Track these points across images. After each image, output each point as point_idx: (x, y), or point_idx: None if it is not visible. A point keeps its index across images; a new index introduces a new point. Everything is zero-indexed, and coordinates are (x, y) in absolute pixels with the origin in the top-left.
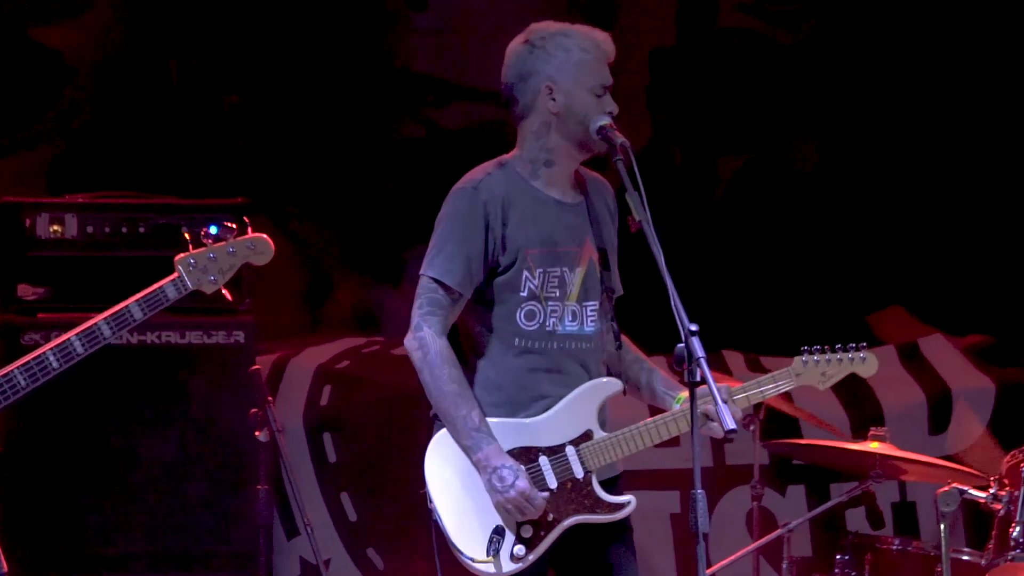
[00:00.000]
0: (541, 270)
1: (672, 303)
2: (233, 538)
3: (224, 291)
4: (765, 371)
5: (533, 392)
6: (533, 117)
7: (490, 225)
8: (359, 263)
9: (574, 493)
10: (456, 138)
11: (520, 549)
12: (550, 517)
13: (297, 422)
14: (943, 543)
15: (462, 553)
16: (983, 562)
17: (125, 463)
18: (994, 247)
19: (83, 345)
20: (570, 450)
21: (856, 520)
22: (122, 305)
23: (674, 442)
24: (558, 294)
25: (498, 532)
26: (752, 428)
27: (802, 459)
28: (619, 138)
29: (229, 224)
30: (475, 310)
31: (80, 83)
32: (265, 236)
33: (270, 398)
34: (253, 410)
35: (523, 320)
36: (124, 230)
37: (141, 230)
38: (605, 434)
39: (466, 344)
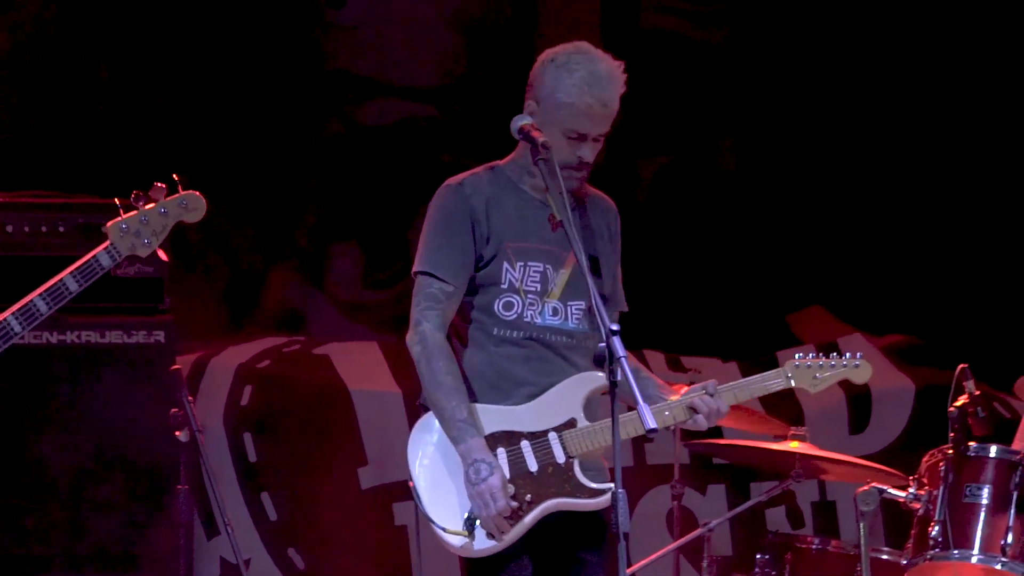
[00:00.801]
0: (522, 264)
1: (593, 303)
2: (153, 538)
3: (160, 252)
4: (685, 371)
5: (513, 379)
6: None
7: (475, 219)
8: (283, 261)
9: (555, 477)
10: (376, 135)
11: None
12: (528, 498)
13: (218, 422)
14: (862, 542)
15: (435, 523)
16: (902, 561)
17: (44, 464)
18: (912, 247)
19: (19, 323)
20: (552, 436)
21: (776, 519)
22: (57, 278)
23: None
24: (538, 289)
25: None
26: (672, 427)
27: (723, 458)
28: (540, 138)
29: (159, 184)
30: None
31: (2, 78)
32: (197, 192)
33: (190, 398)
34: (173, 410)
35: (501, 310)
36: (44, 229)
37: (61, 229)
38: (589, 423)
39: (450, 332)
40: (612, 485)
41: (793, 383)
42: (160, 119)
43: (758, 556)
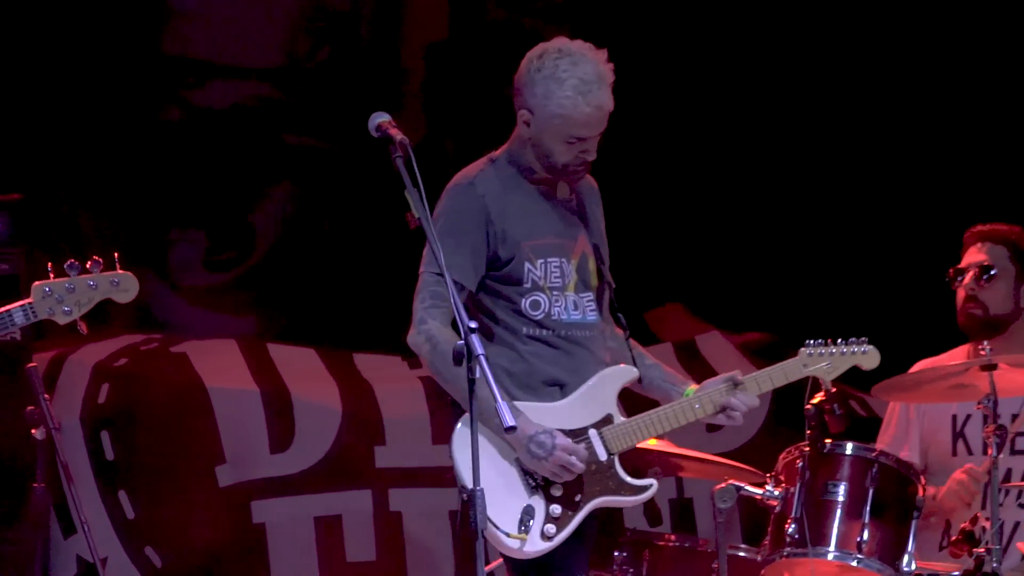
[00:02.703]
0: (542, 261)
1: (452, 301)
2: (9, 536)
3: (80, 323)
4: None
5: (543, 376)
6: (519, 126)
7: (490, 219)
8: (129, 253)
9: (599, 475)
10: (215, 118)
11: (551, 528)
12: (576, 498)
13: (75, 420)
14: (719, 539)
15: (498, 528)
16: (759, 558)
17: None
18: (769, 245)
19: None
20: (592, 433)
21: (634, 517)
22: None
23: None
24: (560, 284)
25: (528, 512)
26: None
27: None
28: (398, 135)
29: (96, 258)
30: (481, 302)
31: None
32: (131, 274)
33: (47, 396)
34: (29, 407)
35: (529, 309)
36: None
37: None
38: (625, 419)
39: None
40: (652, 481)
41: (809, 371)
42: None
43: (616, 554)
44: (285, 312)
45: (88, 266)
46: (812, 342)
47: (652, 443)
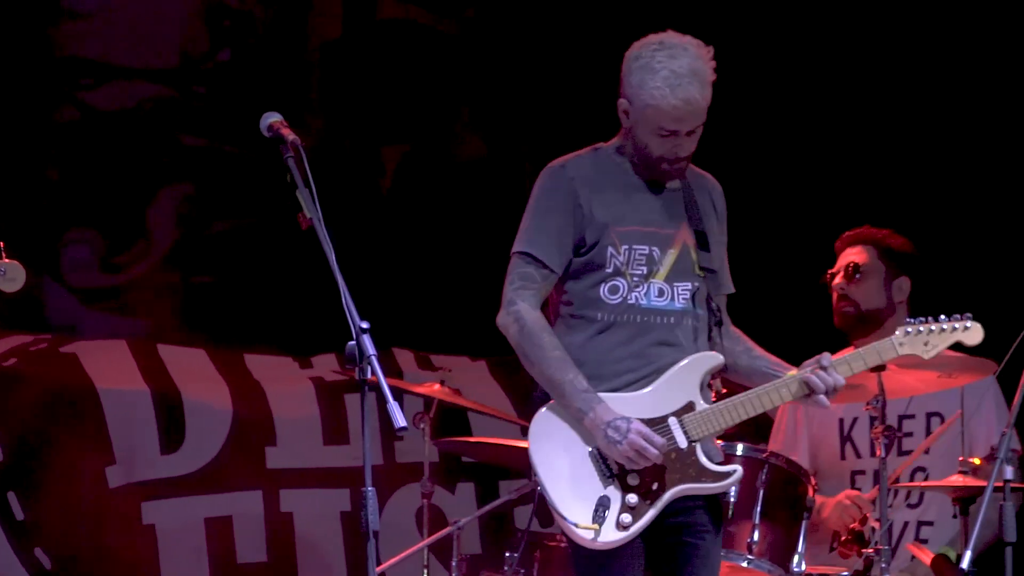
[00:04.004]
0: (627, 247)
1: (343, 301)
2: None
3: None
4: (435, 369)
5: (615, 367)
6: (620, 116)
7: (578, 202)
8: (24, 253)
9: (679, 463)
10: (112, 119)
11: (627, 517)
12: (655, 486)
13: None
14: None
15: (566, 519)
16: None
17: None
18: None
19: None
20: (672, 420)
21: (525, 517)
22: None
23: (344, 440)
24: (644, 271)
25: (603, 504)
26: (422, 426)
27: (472, 457)
28: (289, 135)
29: None
30: (560, 285)
31: None
32: (17, 262)
33: None
34: None
35: (607, 294)
36: None
37: None
38: (708, 405)
39: (549, 319)
40: (736, 467)
41: (904, 351)
42: None
43: (507, 554)
44: (177, 313)
45: None
46: (911, 320)
47: None
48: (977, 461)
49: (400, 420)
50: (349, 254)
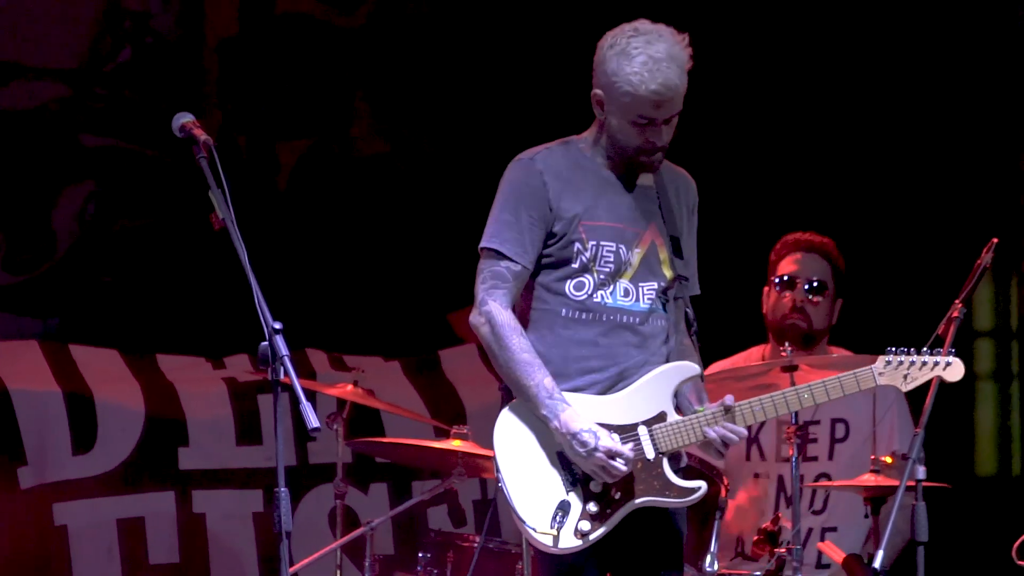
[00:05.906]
0: (594, 243)
1: (256, 301)
2: None
3: None
4: (349, 369)
5: (579, 365)
6: (594, 108)
7: (547, 196)
8: None
9: (644, 474)
10: (15, 119)
11: (585, 525)
12: (617, 496)
13: None
14: (524, 540)
15: (524, 523)
16: None
17: None
18: None
19: None
20: (642, 430)
21: (438, 518)
22: None
23: (257, 440)
24: (611, 269)
25: (562, 508)
26: (336, 427)
27: (385, 457)
28: (202, 136)
29: None
30: (529, 283)
31: None
32: None
33: None
34: None
35: (572, 290)
36: None
37: None
38: (679, 417)
39: (515, 314)
40: (701, 483)
41: (883, 381)
42: None
43: (420, 555)
44: (87, 313)
45: None
46: (892, 350)
47: (456, 444)
48: (889, 460)
49: (313, 421)
50: (254, 253)
